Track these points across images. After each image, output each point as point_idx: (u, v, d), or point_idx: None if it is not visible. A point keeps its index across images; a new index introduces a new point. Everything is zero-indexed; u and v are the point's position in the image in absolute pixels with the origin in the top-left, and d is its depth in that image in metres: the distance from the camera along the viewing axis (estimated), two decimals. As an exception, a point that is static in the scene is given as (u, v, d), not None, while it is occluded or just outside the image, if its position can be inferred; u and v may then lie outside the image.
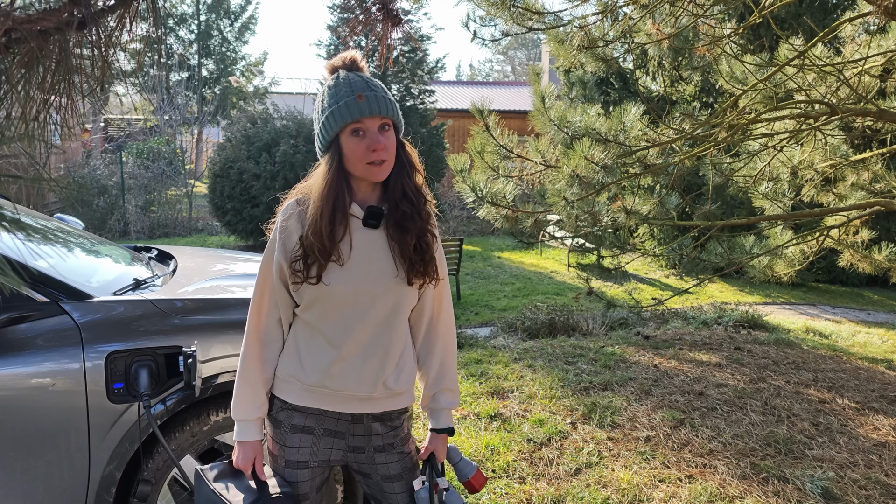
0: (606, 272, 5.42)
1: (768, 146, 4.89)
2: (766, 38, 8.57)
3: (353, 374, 1.65)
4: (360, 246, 1.64)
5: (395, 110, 1.61)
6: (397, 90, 12.80)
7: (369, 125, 1.57)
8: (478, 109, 4.70)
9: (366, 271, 1.63)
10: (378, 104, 1.57)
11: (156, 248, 3.49)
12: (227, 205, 11.29)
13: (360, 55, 1.67)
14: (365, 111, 1.56)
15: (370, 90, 1.58)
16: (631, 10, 4.29)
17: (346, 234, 1.61)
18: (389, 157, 1.60)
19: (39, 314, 2.19)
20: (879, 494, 3.22)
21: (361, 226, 1.64)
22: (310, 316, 1.66)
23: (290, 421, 1.69)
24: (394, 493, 1.73)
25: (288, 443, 1.69)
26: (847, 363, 5.47)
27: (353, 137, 1.58)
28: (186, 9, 24.62)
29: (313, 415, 1.68)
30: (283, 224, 1.65)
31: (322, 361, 1.64)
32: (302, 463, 1.69)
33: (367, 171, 1.59)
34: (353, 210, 1.64)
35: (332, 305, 1.63)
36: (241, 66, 26.43)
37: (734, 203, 8.98)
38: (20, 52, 1.14)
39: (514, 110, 18.33)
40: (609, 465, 3.48)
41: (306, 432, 1.68)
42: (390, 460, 1.72)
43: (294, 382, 1.67)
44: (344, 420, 1.69)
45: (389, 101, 1.60)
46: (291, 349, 1.69)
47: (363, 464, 1.73)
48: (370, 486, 1.76)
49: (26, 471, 2.12)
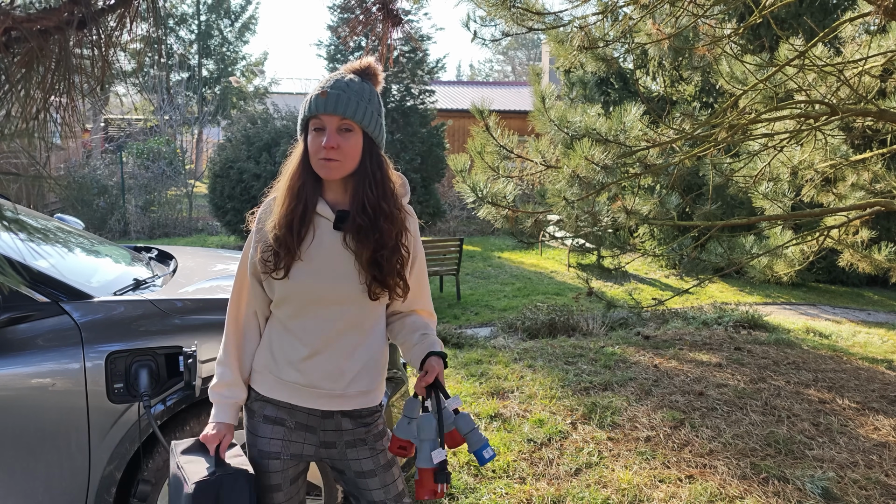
0: (606, 272, 5.42)
1: (768, 146, 4.90)
2: (766, 38, 8.57)
3: (321, 371, 1.67)
4: (327, 247, 1.65)
5: (361, 114, 1.59)
6: (397, 90, 12.80)
7: (328, 122, 1.58)
8: (478, 110, 4.70)
9: (333, 273, 1.65)
10: (337, 104, 1.57)
11: (156, 248, 3.49)
12: (228, 205, 11.29)
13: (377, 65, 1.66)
14: (321, 108, 1.57)
15: (339, 90, 1.58)
16: (631, 10, 4.29)
17: (311, 232, 1.64)
18: (343, 160, 1.59)
19: (40, 314, 2.19)
20: (879, 495, 3.22)
21: (332, 228, 1.66)
22: (281, 313, 1.70)
23: (262, 411, 1.72)
24: (368, 489, 1.74)
25: (260, 433, 1.72)
26: (847, 363, 5.47)
27: (313, 132, 1.61)
28: (186, 9, 24.63)
29: (285, 408, 1.71)
30: (261, 216, 1.72)
31: (292, 357, 1.68)
32: (273, 454, 1.71)
33: (318, 166, 1.61)
34: (324, 211, 1.66)
35: (301, 304, 1.66)
36: (241, 66, 26.44)
37: (734, 203, 8.99)
38: (20, 51, 1.14)
39: (515, 110, 18.33)
40: (609, 465, 3.48)
41: (278, 423, 1.71)
42: (362, 456, 1.73)
43: (267, 374, 1.71)
44: (314, 415, 1.72)
45: (356, 105, 1.58)
46: (266, 343, 1.73)
47: (336, 459, 1.75)
48: (346, 482, 1.78)
49: (26, 471, 2.12)
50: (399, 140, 12.29)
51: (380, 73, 1.67)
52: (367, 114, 1.60)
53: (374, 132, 1.63)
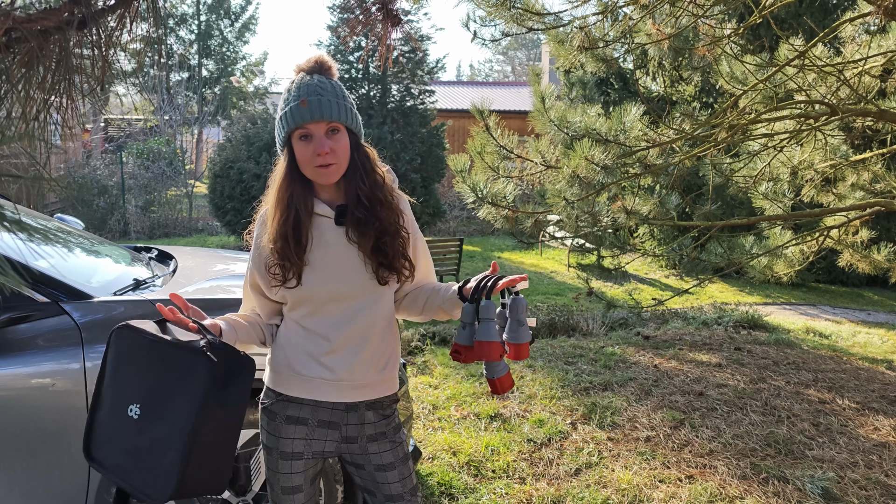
0: (606, 272, 5.42)
1: (768, 146, 4.89)
2: (766, 38, 8.57)
3: (345, 363, 1.69)
4: (333, 245, 1.67)
5: (343, 114, 1.61)
6: (397, 90, 12.79)
7: (314, 130, 1.59)
8: (478, 110, 4.69)
9: (342, 270, 1.67)
10: (321, 109, 1.58)
11: (156, 248, 3.49)
12: (228, 205, 11.29)
13: (327, 57, 1.66)
14: (307, 116, 1.57)
15: (317, 95, 1.58)
16: (631, 10, 4.29)
17: (311, 235, 1.66)
18: (338, 160, 1.61)
19: (40, 314, 2.19)
20: (879, 495, 3.22)
21: (334, 225, 1.68)
22: (297, 315, 1.70)
23: (284, 412, 1.71)
24: (387, 482, 1.74)
25: (283, 434, 1.71)
26: (847, 363, 5.47)
27: (300, 142, 1.61)
28: (187, 9, 24.63)
29: (308, 406, 1.71)
30: (259, 231, 1.73)
31: (315, 353, 1.68)
32: (297, 454, 1.71)
33: (317, 173, 1.62)
34: (323, 210, 1.67)
35: (317, 304, 1.67)
36: (241, 66, 26.45)
37: (734, 203, 8.99)
38: (20, 51, 1.14)
39: (514, 110, 18.32)
40: (609, 465, 3.48)
41: (301, 423, 1.71)
42: (383, 449, 1.74)
43: (289, 373, 1.71)
44: (338, 410, 1.72)
45: (338, 106, 1.60)
46: (283, 342, 1.73)
47: (356, 454, 1.75)
48: (363, 477, 1.78)
49: (26, 471, 2.12)
50: (399, 140, 12.28)
51: (333, 66, 1.68)
52: (347, 111, 1.62)
53: (356, 127, 1.66)
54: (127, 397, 1.51)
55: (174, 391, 1.46)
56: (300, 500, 1.74)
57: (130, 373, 1.53)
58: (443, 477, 3.28)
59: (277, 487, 1.74)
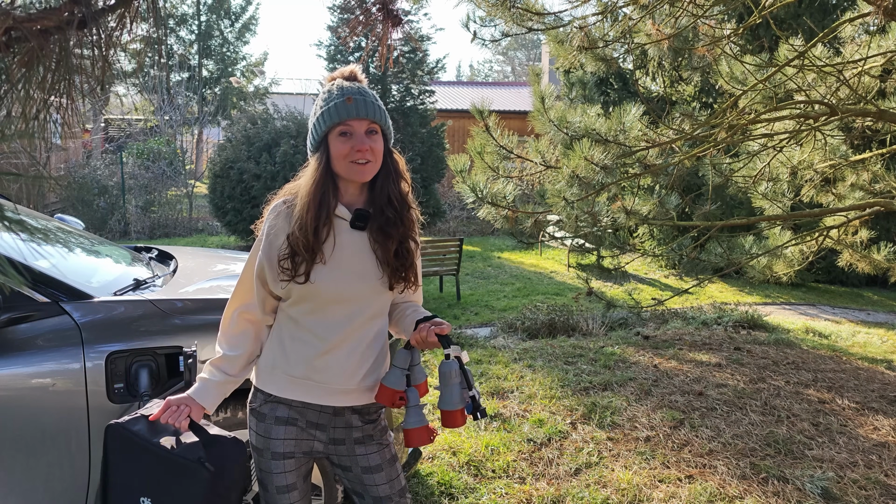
0: (606, 272, 5.42)
1: (768, 146, 4.90)
2: (766, 38, 8.57)
3: (337, 367, 1.70)
4: (347, 247, 1.69)
5: (383, 117, 1.69)
6: (397, 90, 12.80)
7: (356, 127, 1.64)
8: (478, 110, 4.70)
9: (351, 272, 1.69)
10: (366, 108, 1.64)
11: (156, 248, 3.49)
12: (228, 205, 11.28)
13: (360, 70, 1.74)
14: (353, 113, 1.63)
15: (360, 95, 1.65)
16: (631, 10, 4.29)
17: (331, 234, 1.67)
18: (374, 160, 1.66)
19: (40, 314, 2.19)
20: (879, 495, 3.22)
21: (349, 227, 1.70)
22: (296, 311, 1.71)
23: (273, 413, 1.73)
24: (374, 484, 1.76)
25: (273, 435, 1.72)
26: (847, 363, 5.47)
27: (339, 138, 1.65)
28: (187, 9, 24.64)
29: (296, 407, 1.73)
30: (272, 222, 1.72)
31: (307, 354, 1.69)
32: (288, 454, 1.73)
33: (351, 170, 1.64)
34: (341, 212, 1.70)
35: (320, 303, 1.68)
36: (241, 67, 26.45)
37: (734, 203, 8.99)
38: (20, 51, 1.14)
39: (514, 111, 18.33)
40: (609, 465, 3.48)
41: (290, 423, 1.73)
42: (370, 451, 1.76)
43: (279, 374, 1.72)
44: (326, 413, 1.74)
45: (379, 108, 1.68)
46: (276, 341, 1.74)
47: (343, 456, 1.77)
48: (350, 479, 1.79)
49: (27, 471, 2.12)
50: (399, 140, 12.30)
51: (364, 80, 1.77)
52: (386, 115, 1.71)
53: (390, 133, 1.72)
54: (136, 489, 1.70)
55: (175, 496, 1.68)
56: (295, 497, 1.76)
57: (134, 470, 1.71)
58: (443, 477, 3.28)
59: (272, 487, 1.75)
